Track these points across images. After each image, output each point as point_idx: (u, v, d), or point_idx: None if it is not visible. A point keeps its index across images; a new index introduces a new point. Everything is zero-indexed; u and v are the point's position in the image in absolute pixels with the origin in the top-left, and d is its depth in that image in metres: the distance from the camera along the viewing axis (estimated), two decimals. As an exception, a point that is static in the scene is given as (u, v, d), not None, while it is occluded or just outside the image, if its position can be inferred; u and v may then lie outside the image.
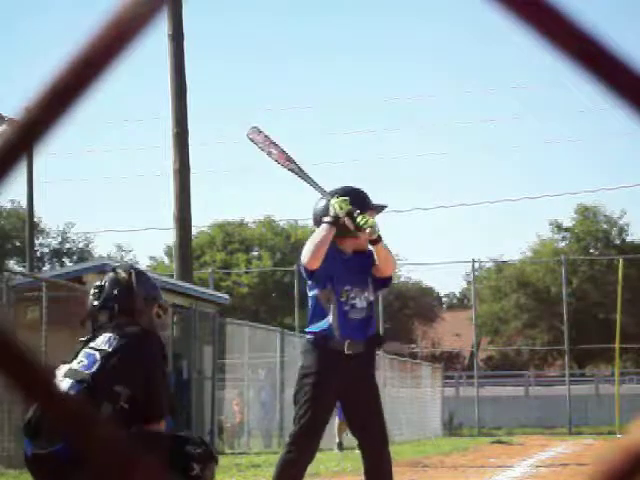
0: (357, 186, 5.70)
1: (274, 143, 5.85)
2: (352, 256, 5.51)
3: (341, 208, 5.33)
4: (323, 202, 5.53)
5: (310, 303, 5.56)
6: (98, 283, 4.90)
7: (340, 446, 17.46)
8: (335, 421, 17.47)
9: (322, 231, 5.38)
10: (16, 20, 69.51)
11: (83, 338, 4.76)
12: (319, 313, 5.47)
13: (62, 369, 4.58)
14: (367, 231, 5.31)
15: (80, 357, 4.60)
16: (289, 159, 5.80)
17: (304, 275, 5.50)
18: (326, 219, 5.36)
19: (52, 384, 0.82)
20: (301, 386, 5.42)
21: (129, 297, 4.76)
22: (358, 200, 5.50)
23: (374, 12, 74.84)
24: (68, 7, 72.43)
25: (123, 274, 4.85)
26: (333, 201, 5.39)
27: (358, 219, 5.32)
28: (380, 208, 5.70)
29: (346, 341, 5.39)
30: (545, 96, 71.06)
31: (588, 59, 0.75)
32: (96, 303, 4.80)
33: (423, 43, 74.25)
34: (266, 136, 5.88)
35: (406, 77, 76.31)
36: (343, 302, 5.45)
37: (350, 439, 17.43)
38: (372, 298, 5.56)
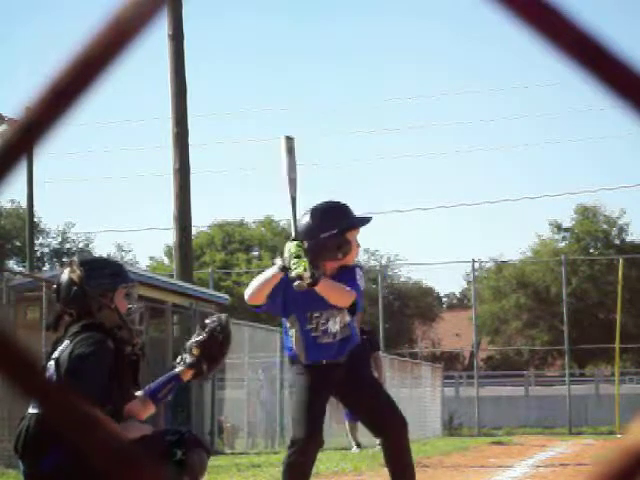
0: (337, 201, 5.53)
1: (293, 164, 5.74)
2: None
3: (290, 252, 5.12)
4: (306, 218, 5.41)
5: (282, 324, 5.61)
6: (55, 285, 4.71)
7: (359, 445, 17.28)
8: (345, 424, 17.42)
9: (269, 272, 5.29)
10: (16, 20, 69.54)
11: (49, 348, 4.65)
12: (287, 338, 5.54)
13: None
14: (294, 284, 5.08)
15: (47, 370, 4.48)
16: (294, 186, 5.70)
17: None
18: (277, 261, 5.22)
19: (52, 384, 0.82)
20: (291, 394, 5.54)
21: (84, 299, 4.53)
22: (332, 218, 5.37)
23: (374, 13, 74.88)
24: (68, 7, 72.46)
25: (74, 273, 4.59)
26: (288, 244, 5.20)
27: (291, 270, 5.08)
28: (364, 222, 5.54)
29: (321, 361, 5.44)
30: (545, 96, 71.11)
31: (589, 59, 0.75)
32: (58, 306, 4.65)
33: (423, 43, 74.31)
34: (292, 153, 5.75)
35: (406, 77, 76.34)
36: (311, 329, 5.42)
37: (349, 440, 17.44)
38: (348, 319, 5.53)
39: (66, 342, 4.51)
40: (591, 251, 47.88)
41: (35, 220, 32.54)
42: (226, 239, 49.35)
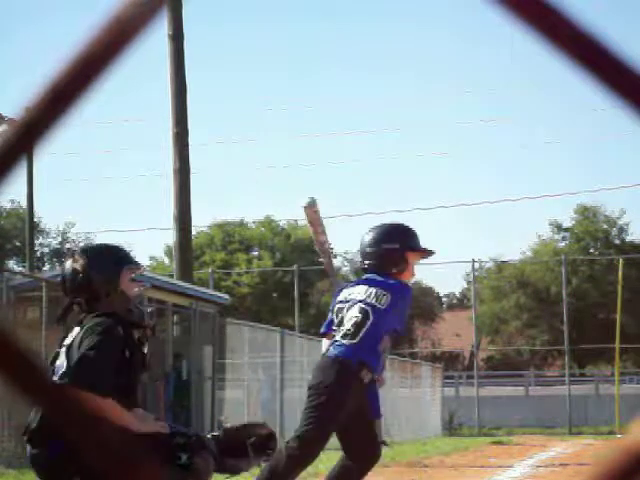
0: (407, 224, 5.81)
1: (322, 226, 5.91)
2: None
3: None
4: (369, 236, 5.61)
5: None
6: (60, 279, 4.73)
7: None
8: None
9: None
10: (16, 21, 69.54)
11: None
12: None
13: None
14: None
15: (59, 358, 4.52)
16: (327, 246, 5.96)
17: None
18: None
19: (52, 384, 0.82)
20: None
21: (90, 286, 4.55)
22: (399, 235, 5.64)
23: (375, 15, 74.88)
24: (69, 7, 72.47)
25: (78, 263, 4.60)
26: None
27: None
28: (428, 253, 5.76)
29: None
30: (545, 96, 71.11)
31: (589, 59, 0.75)
32: (65, 300, 4.68)
33: (423, 44, 74.33)
34: (318, 215, 5.96)
35: (406, 77, 76.36)
36: None
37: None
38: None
39: (76, 329, 4.53)
40: (591, 251, 47.87)
41: (35, 220, 32.53)
42: (226, 239, 49.33)
